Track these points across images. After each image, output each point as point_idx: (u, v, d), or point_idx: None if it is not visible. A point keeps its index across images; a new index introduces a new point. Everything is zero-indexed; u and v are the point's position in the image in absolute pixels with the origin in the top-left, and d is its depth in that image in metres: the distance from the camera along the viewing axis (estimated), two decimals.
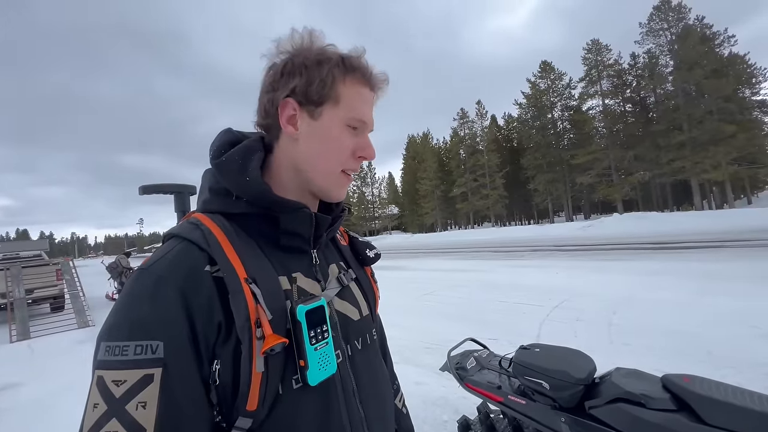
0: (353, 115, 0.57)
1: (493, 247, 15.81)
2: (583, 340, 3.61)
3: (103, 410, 0.41)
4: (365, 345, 0.64)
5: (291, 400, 0.50)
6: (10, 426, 3.10)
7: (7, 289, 7.62)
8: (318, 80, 0.55)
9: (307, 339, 0.50)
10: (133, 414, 0.41)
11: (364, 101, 0.59)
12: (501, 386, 1.57)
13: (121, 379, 0.42)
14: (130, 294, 0.46)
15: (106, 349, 0.44)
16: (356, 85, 0.58)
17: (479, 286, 7.06)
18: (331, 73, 0.56)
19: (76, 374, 4.17)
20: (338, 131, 0.57)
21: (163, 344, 0.43)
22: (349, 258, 0.71)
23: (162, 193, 2.14)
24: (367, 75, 0.59)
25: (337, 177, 0.60)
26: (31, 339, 6.41)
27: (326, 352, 0.52)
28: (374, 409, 0.61)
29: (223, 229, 0.53)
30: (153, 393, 0.42)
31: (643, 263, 7.75)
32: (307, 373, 0.50)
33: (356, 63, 0.58)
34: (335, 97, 0.56)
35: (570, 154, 39.39)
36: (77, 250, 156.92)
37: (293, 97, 0.56)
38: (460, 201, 48.79)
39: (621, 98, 37.74)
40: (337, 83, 0.56)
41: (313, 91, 0.56)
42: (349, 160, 0.59)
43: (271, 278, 0.52)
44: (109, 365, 0.43)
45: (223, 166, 0.57)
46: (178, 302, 0.45)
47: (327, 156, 0.58)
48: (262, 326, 0.47)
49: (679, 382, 1.18)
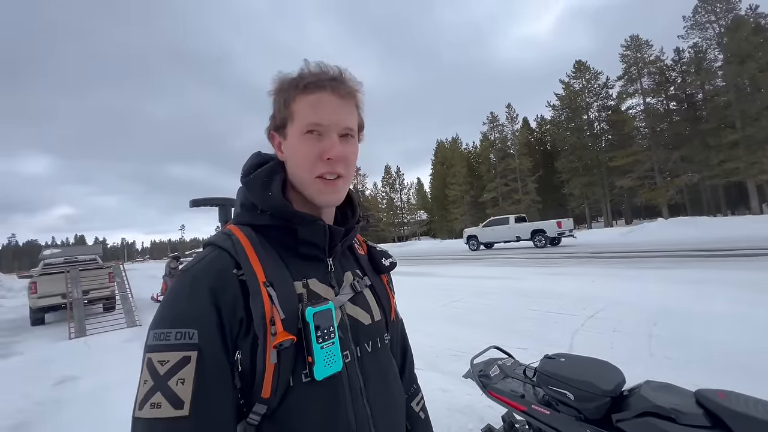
0: (306, 122, 0.62)
1: (525, 254, 15.32)
2: (620, 352, 3.44)
3: (150, 385, 0.50)
4: (375, 348, 0.69)
5: (300, 391, 0.56)
6: (70, 416, 3.41)
7: (68, 290, 8.36)
8: (278, 107, 0.65)
9: (314, 338, 0.56)
10: (173, 388, 0.50)
11: (315, 107, 0.62)
12: (525, 395, 1.56)
13: (165, 360, 0.51)
14: (173, 291, 0.57)
15: (154, 335, 0.53)
16: (306, 96, 0.62)
17: (509, 293, 6.88)
18: (285, 95, 0.64)
19: (125, 371, 4.50)
20: (298, 142, 0.63)
21: (198, 332, 0.52)
22: (365, 266, 0.76)
23: (208, 206, 2.39)
24: (315, 83, 0.62)
25: (313, 183, 0.63)
26: (87, 336, 6.97)
27: (332, 351, 0.58)
28: (381, 408, 0.65)
29: (249, 239, 0.61)
30: (190, 372, 0.50)
31: (689, 272, 7.23)
32: (314, 368, 0.56)
33: (305, 77, 0.63)
34: (291, 115, 0.63)
35: (608, 156, 37.53)
36: (126, 254, 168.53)
37: (272, 127, 0.67)
38: (491, 206, 47.65)
39: (664, 96, 35.56)
40: (290, 102, 0.63)
41: (278, 118, 0.65)
42: (317, 165, 0.62)
43: (287, 283, 0.59)
44: (156, 348, 0.52)
45: (251, 184, 0.66)
46: (209, 298, 0.54)
47: (299, 167, 0.64)
48: (275, 324, 0.54)
49: (713, 397, 1.13)
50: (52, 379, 4.52)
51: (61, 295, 8.57)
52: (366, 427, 0.61)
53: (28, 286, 8.91)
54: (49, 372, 4.84)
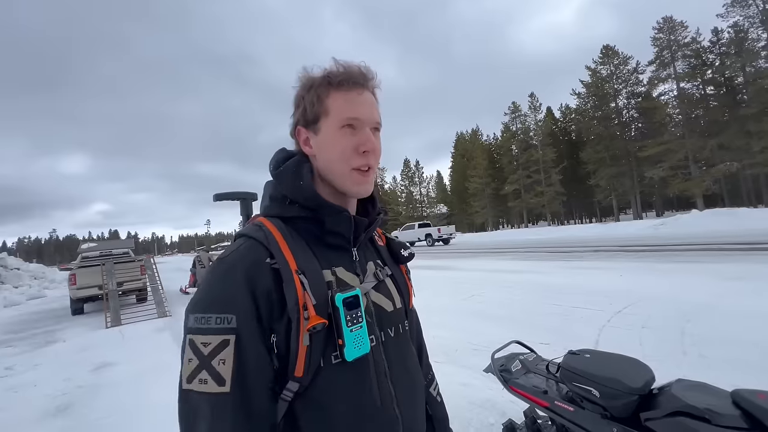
0: (343, 116, 0.65)
1: (549, 248, 14.92)
2: (650, 349, 3.31)
3: (196, 363, 0.56)
4: (398, 333, 0.72)
5: (330, 372, 0.60)
6: (108, 398, 3.63)
7: (103, 281, 8.84)
8: (309, 103, 0.66)
9: (344, 322, 0.60)
10: (216, 367, 0.55)
11: (351, 102, 0.65)
12: (547, 391, 1.52)
13: (207, 342, 0.56)
14: (211, 277, 0.60)
15: (195, 319, 0.58)
16: (340, 92, 0.65)
17: (532, 287, 6.74)
18: (317, 92, 0.66)
19: (156, 358, 4.74)
20: (335, 135, 0.65)
21: (236, 317, 0.56)
22: (385, 257, 0.80)
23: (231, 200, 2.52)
24: (348, 80, 0.65)
25: (349, 175, 0.67)
26: (122, 325, 7.37)
27: (360, 335, 0.62)
28: (404, 389, 0.69)
29: (280, 230, 0.64)
30: (229, 353, 0.55)
31: (726, 266, 6.84)
32: (344, 350, 0.59)
33: (336, 74, 0.65)
34: (325, 110, 0.65)
35: (638, 145, 35.83)
36: (156, 248, 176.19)
37: (300, 123, 0.69)
38: (513, 199, 46.71)
39: (700, 80, 33.46)
40: (323, 98, 0.65)
41: (309, 113, 0.67)
42: (353, 158, 0.65)
43: (317, 271, 0.63)
44: (198, 331, 0.57)
45: (282, 176, 0.69)
46: (245, 285, 0.57)
47: (334, 160, 0.67)
48: (308, 309, 0.57)
49: (753, 398, 1.06)
50: (91, 365, 4.81)
51: (97, 286, 9.08)
52: (390, 405, 0.65)
53: (68, 278, 9.49)
54: (89, 358, 5.15)
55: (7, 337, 7.43)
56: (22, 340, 6.98)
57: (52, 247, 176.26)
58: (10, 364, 5.26)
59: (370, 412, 0.62)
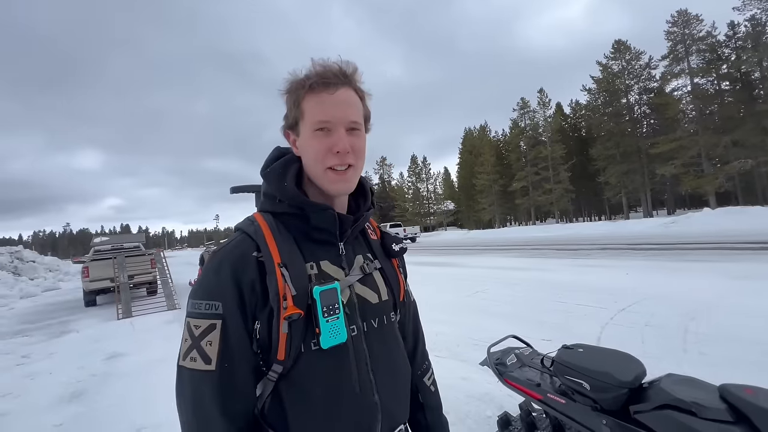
0: (315, 119, 0.67)
1: (556, 245, 14.82)
2: (651, 347, 3.32)
3: (189, 343, 0.63)
4: (381, 324, 0.76)
5: (310, 357, 0.65)
6: (120, 387, 3.75)
7: (115, 274, 9.05)
8: (289, 107, 0.71)
9: (321, 312, 0.64)
10: (205, 348, 0.62)
11: (323, 104, 0.67)
12: (540, 384, 1.56)
13: (198, 325, 0.63)
14: (206, 269, 0.67)
15: (191, 304, 0.65)
16: (314, 95, 0.67)
17: (537, 285, 6.74)
18: (295, 96, 0.69)
19: (165, 349, 4.86)
20: (310, 138, 0.69)
21: (222, 304, 0.63)
22: (377, 250, 0.83)
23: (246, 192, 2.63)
24: (320, 82, 0.67)
25: (325, 174, 0.69)
26: (133, 317, 7.56)
27: (337, 325, 0.66)
28: (385, 377, 0.73)
29: (269, 225, 0.69)
30: (216, 336, 0.62)
31: (735, 265, 6.75)
32: (320, 338, 0.64)
33: (312, 77, 0.68)
34: (302, 114, 0.69)
35: (649, 142, 35.17)
36: (166, 242, 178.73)
37: (286, 126, 0.73)
38: (520, 196, 46.26)
39: (715, 75, 32.54)
40: (300, 102, 0.69)
41: (290, 117, 0.71)
42: (327, 158, 0.68)
43: (299, 264, 0.67)
44: (193, 315, 0.64)
45: (268, 177, 0.74)
46: (231, 277, 0.63)
47: (311, 161, 0.70)
48: (287, 300, 0.62)
49: (739, 392, 1.09)
50: (104, 354, 4.96)
51: (109, 279, 9.30)
52: (370, 392, 0.69)
53: (82, 271, 9.73)
54: (101, 348, 5.31)
55: (24, 327, 7.68)
56: (38, 330, 7.21)
57: (66, 240, 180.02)
58: (27, 353, 5.45)
59: (349, 397, 0.66)
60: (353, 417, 0.67)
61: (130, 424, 2.88)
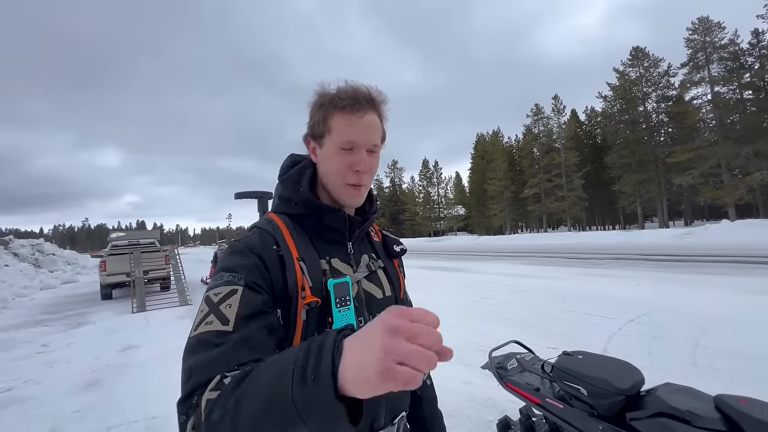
0: (342, 139, 0.73)
1: (567, 253, 14.63)
2: (659, 359, 3.29)
3: (206, 311, 0.62)
4: None
5: None
6: (133, 377, 3.89)
7: (131, 269, 9.31)
8: (317, 120, 0.76)
9: (334, 303, 0.70)
10: (223, 311, 0.61)
11: (351, 125, 0.73)
12: (540, 388, 1.59)
13: (219, 292, 0.63)
14: (230, 252, 0.72)
15: (212, 280, 0.68)
16: (344, 115, 0.73)
17: (545, 292, 6.70)
18: (325, 111, 0.75)
19: (177, 343, 5.00)
20: (334, 154, 0.75)
21: (245, 276, 0.65)
22: (379, 251, 0.91)
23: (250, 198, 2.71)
24: (346, 103, 0.72)
25: (343, 188, 0.77)
26: (147, 311, 7.77)
27: (348, 315, 0.72)
28: None
29: (285, 224, 0.77)
30: (236, 299, 0.62)
31: (751, 279, 6.58)
32: (332, 328, 0.70)
33: (342, 98, 0.73)
34: (329, 129, 0.74)
35: (666, 151, 34.47)
36: (180, 239, 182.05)
37: (309, 135, 0.79)
38: (532, 203, 45.79)
39: (737, 84, 31.74)
40: (329, 118, 0.74)
41: (316, 128, 0.77)
42: (347, 175, 0.75)
43: (314, 259, 0.74)
44: (213, 286, 0.65)
45: (286, 182, 0.82)
46: (257, 261, 0.68)
47: (332, 175, 0.77)
48: (305, 290, 0.69)
49: (733, 403, 1.11)
50: (118, 346, 5.14)
51: (125, 273, 9.57)
52: None
53: (99, 265, 10.05)
54: (116, 340, 5.50)
55: (43, 317, 7.98)
56: (56, 320, 7.48)
57: (85, 234, 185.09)
58: (47, 342, 5.68)
59: None
60: None
61: (144, 412, 3.00)
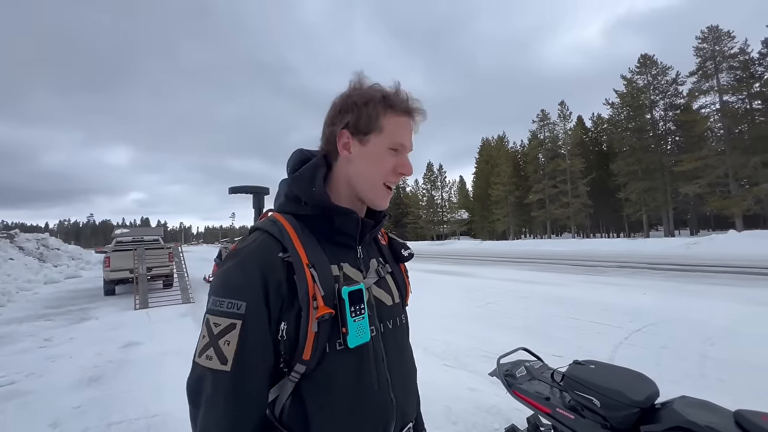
0: (394, 140, 0.73)
1: (572, 260, 14.51)
2: (667, 370, 3.23)
3: (207, 341, 0.62)
4: (395, 325, 0.79)
5: (334, 357, 0.66)
6: (134, 373, 3.88)
7: (135, 266, 9.33)
8: (365, 116, 0.72)
9: (349, 312, 0.66)
10: (222, 347, 0.61)
11: (403, 128, 0.74)
12: (550, 398, 1.55)
13: (218, 323, 0.62)
14: (229, 267, 0.66)
15: (212, 301, 0.65)
16: (395, 117, 0.73)
17: (550, 299, 6.63)
18: (375, 109, 0.72)
19: (178, 341, 4.99)
20: (382, 153, 0.73)
21: (246, 305, 0.62)
22: (387, 255, 0.86)
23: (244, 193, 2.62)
24: (404, 107, 0.74)
25: (380, 189, 0.75)
26: (149, 308, 7.77)
27: (362, 324, 0.68)
28: (399, 376, 0.76)
29: (293, 227, 0.70)
30: (234, 336, 0.61)
31: (759, 291, 6.48)
32: (347, 338, 0.66)
33: (395, 99, 0.73)
34: (379, 128, 0.72)
35: (673, 159, 34.19)
36: (183, 237, 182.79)
37: (347, 128, 0.74)
38: (537, 208, 45.55)
39: (746, 93, 31.48)
40: (380, 117, 0.72)
41: (362, 124, 0.72)
42: (389, 176, 0.74)
43: (325, 265, 0.69)
44: (213, 312, 0.63)
45: (297, 179, 0.75)
46: (258, 277, 0.63)
47: (373, 172, 0.74)
48: (317, 300, 0.64)
49: (755, 419, 1.07)
50: (120, 342, 5.13)
51: (129, 270, 9.59)
52: (386, 390, 0.72)
53: (103, 260, 10.07)
54: (118, 336, 5.49)
55: (46, 311, 8.00)
56: (59, 315, 7.50)
57: (89, 230, 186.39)
58: (49, 336, 5.68)
59: (369, 394, 0.69)
60: (373, 414, 0.69)
61: (145, 410, 2.98)
